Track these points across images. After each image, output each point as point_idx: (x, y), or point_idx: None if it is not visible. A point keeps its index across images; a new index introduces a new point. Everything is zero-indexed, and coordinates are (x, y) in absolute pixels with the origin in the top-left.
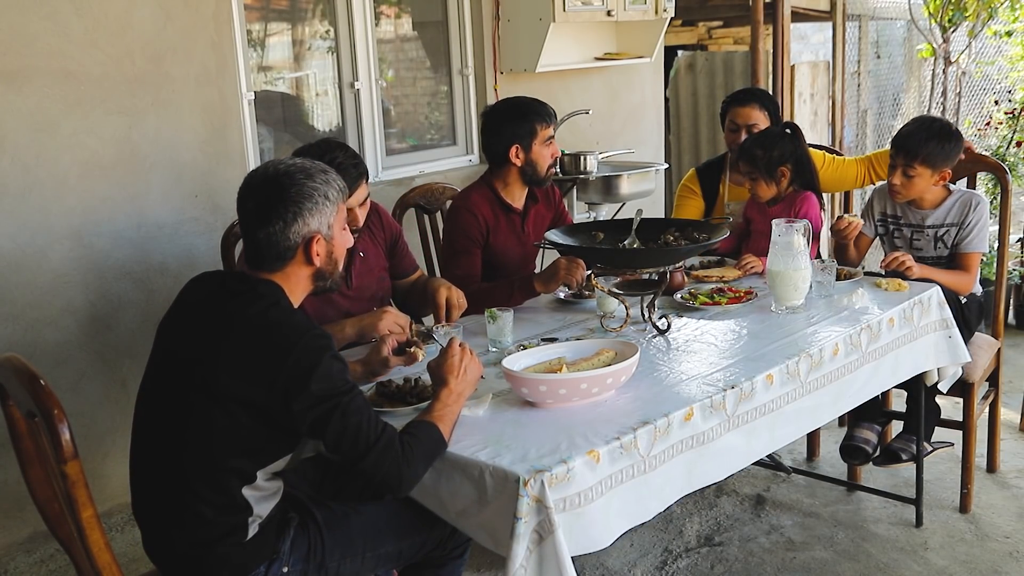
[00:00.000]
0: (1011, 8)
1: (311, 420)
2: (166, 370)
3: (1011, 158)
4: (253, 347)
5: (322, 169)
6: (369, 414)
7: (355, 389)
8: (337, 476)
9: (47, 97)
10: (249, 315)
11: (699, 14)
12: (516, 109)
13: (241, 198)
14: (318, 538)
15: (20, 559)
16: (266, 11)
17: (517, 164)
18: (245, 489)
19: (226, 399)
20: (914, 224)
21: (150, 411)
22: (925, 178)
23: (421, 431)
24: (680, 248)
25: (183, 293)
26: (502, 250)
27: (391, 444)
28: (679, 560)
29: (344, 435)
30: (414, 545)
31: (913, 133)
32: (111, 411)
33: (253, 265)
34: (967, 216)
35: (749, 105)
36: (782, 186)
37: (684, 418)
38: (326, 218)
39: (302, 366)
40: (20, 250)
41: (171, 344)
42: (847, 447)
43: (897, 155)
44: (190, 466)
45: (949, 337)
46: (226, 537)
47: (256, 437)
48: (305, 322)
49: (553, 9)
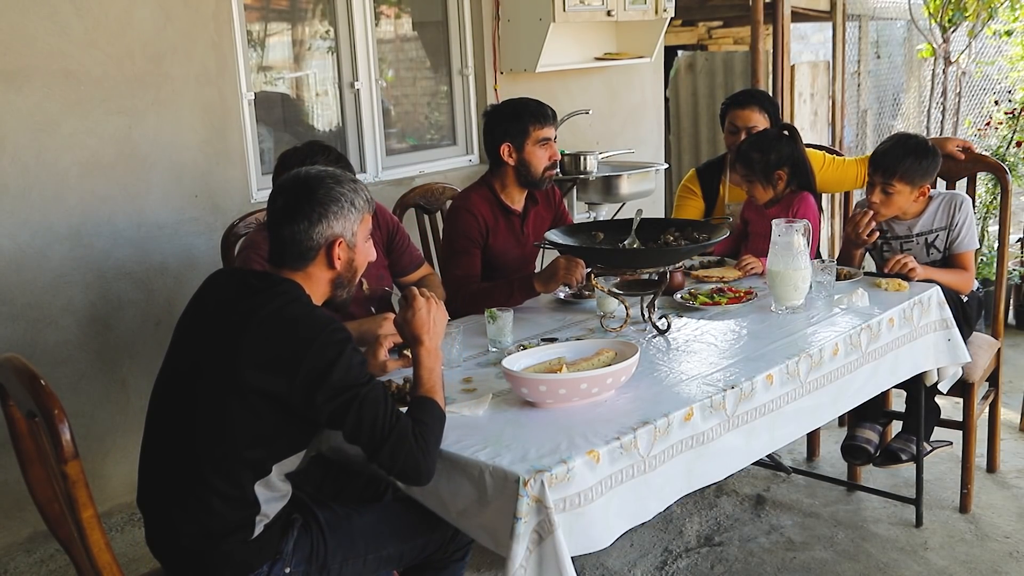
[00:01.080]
0: (1011, 8)
1: (331, 410)
2: (184, 365)
3: (1011, 158)
4: (275, 340)
5: (351, 179)
6: (386, 405)
7: (373, 380)
8: (337, 476)
9: (47, 97)
10: (270, 310)
11: (699, 14)
12: (512, 108)
13: (272, 197)
14: (320, 539)
15: (20, 559)
16: (266, 11)
17: (510, 164)
18: (258, 486)
19: (247, 391)
20: (902, 236)
21: (165, 404)
22: (904, 195)
23: (426, 414)
24: (680, 248)
25: (202, 290)
26: (501, 251)
27: (405, 436)
28: (679, 560)
29: (361, 426)
30: (416, 547)
31: (889, 151)
32: (111, 411)
33: (276, 263)
34: (954, 217)
35: (749, 107)
36: (779, 189)
37: (684, 418)
38: (351, 224)
39: (325, 358)
40: (20, 250)
41: (191, 341)
42: (848, 447)
43: (875, 173)
44: (205, 455)
45: (949, 338)
46: (232, 534)
47: (274, 428)
48: (326, 316)
49: (553, 9)
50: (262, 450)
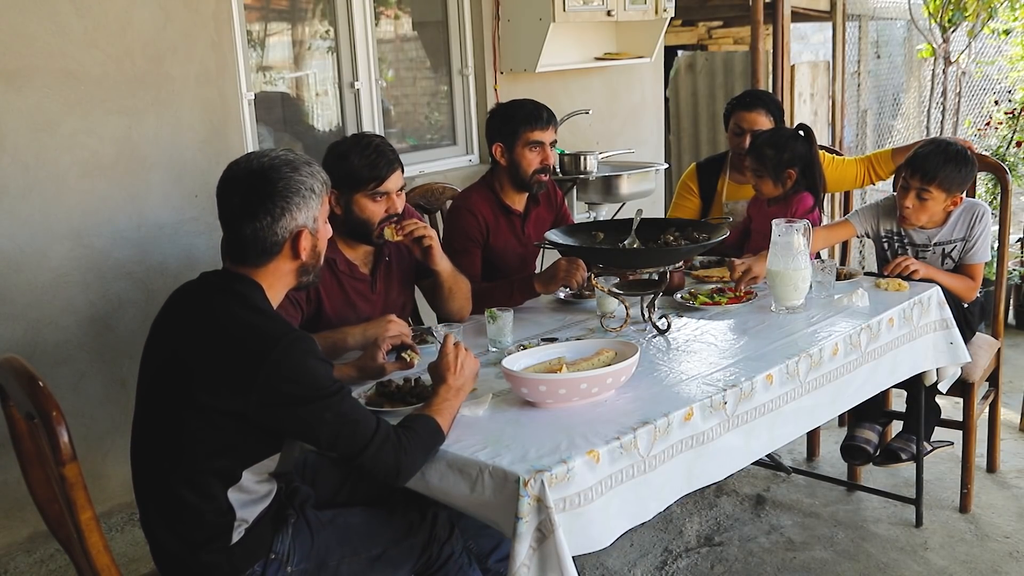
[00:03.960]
0: (1011, 8)
1: (300, 424)
2: (151, 373)
3: (1011, 158)
4: (226, 358)
5: (306, 161)
6: (362, 411)
7: (344, 388)
8: (357, 480)
9: (47, 97)
10: (222, 320)
11: (699, 14)
12: (508, 109)
13: (224, 192)
14: (318, 536)
15: (20, 559)
16: (266, 11)
17: (502, 163)
18: (230, 492)
19: (204, 408)
20: (919, 244)
21: (141, 413)
22: (938, 202)
23: (417, 423)
24: (680, 248)
25: (170, 297)
26: (501, 251)
27: (387, 437)
28: (679, 560)
29: (340, 434)
30: (405, 549)
31: (930, 156)
32: (111, 411)
33: (235, 260)
34: (973, 228)
35: (756, 110)
36: (787, 187)
37: (684, 418)
38: (312, 211)
39: (281, 373)
40: (20, 250)
41: (156, 348)
42: (848, 447)
43: (912, 176)
44: (170, 467)
45: (948, 339)
46: (209, 542)
47: (238, 437)
48: (280, 327)
49: (553, 9)
50: (228, 459)
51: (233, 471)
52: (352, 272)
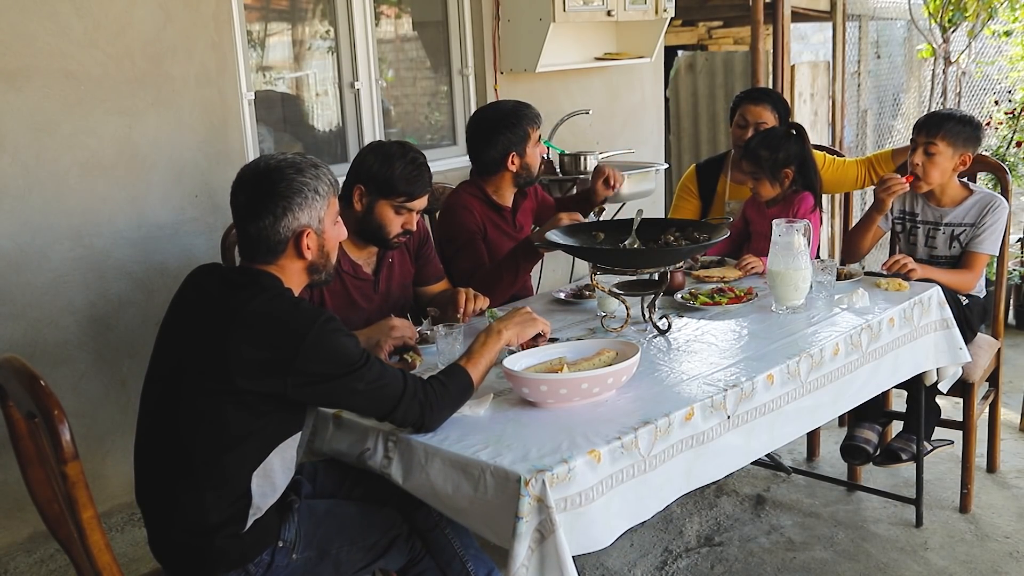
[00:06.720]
0: (1011, 8)
1: (335, 396)
2: (169, 364)
3: (1011, 158)
4: (264, 341)
5: (312, 164)
6: (389, 373)
7: (371, 358)
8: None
9: (47, 97)
10: (254, 308)
11: (699, 14)
12: (507, 116)
13: (233, 192)
14: (319, 523)
15: (20, 559)
16: (266, 11)
17: (513, 170)
18: (255, 476)
19: (241, 392)
20: (931, 221)
21: (153, 402)
22: (946, 157)
23: (451, 378)
24: (680, 248)
25: (184, 287)
26: (495, 247)
27: (414, 395)
28: (679, 560)
29: (372, 399)
30: (397, 540)
31: (935, 114)
32: (111, 411)
33: (247, 258)
34: (985, 217)
35: (762, 104)
36: (785, 187)
37: (685, 418)
38: (316, 212)
39: (319, 354)
40: (20, 250)
41: (174, 339)
42: (848, 447)
43: (919, 134)
44: (197, 451)
45: (949, 339)
46: (224, 527)
47: (269, 418)
48: (312, 310)
49: (553, 9)
50: (256, 441)
51: (261, 453)
52: (356, 272)
